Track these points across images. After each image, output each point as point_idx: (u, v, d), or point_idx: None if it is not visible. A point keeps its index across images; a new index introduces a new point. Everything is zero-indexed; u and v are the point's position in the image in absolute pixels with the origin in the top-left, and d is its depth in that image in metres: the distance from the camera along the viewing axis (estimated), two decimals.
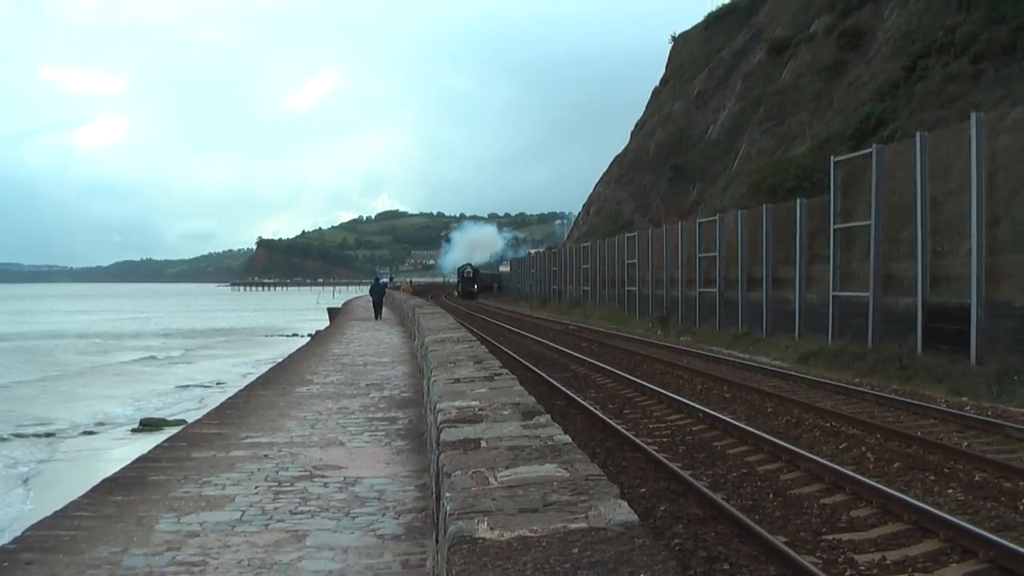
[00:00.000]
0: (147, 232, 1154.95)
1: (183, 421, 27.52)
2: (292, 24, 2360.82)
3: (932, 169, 29.31)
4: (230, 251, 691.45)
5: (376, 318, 54.73)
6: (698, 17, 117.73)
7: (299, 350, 37.22)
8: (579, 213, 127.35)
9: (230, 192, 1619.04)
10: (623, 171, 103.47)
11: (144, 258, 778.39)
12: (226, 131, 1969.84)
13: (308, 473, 12.26)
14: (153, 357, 64.58)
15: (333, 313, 77.71)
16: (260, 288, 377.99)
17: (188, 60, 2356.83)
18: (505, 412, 8.94)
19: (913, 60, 51.26)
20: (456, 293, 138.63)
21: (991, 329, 25.67)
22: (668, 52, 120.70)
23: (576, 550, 4.35)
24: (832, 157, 36.32)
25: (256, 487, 11.47)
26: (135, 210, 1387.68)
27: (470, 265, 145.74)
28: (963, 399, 22.91)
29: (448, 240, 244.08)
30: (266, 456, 13.36)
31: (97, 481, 12.09)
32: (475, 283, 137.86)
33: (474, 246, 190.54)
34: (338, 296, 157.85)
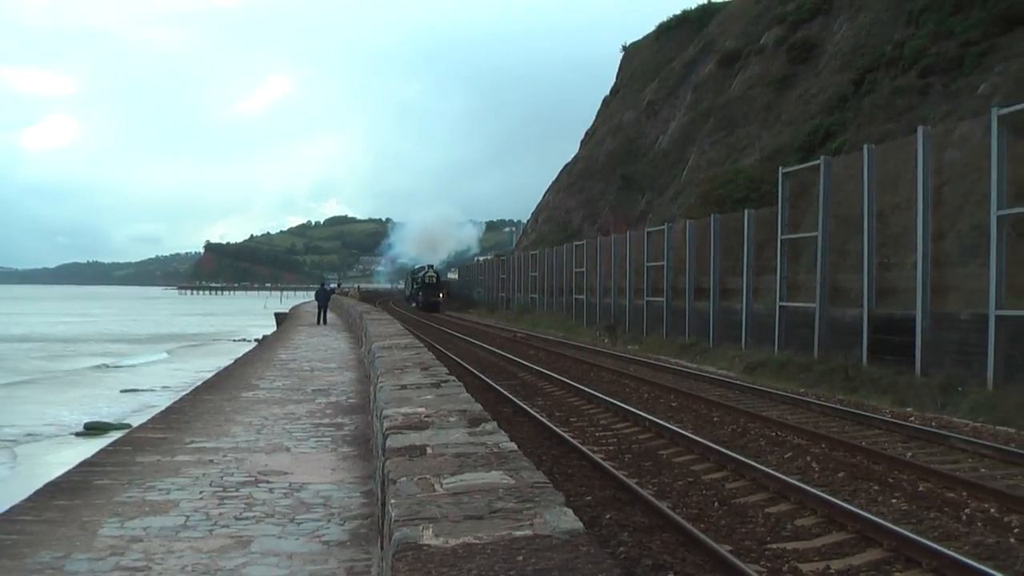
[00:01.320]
0: (94, 234, 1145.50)
1: (128, 425, 27.30)
2: (243, 29, 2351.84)
3: (879, 182, 29.51)
4: (178, 255, 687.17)
5: (319, 323, 54.44)
6: (649, 27, 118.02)
7: (246, 355, 36.96)
8: (528, 221, 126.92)
9: (178, 196, 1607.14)
10: (572, 180, 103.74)
11: (91, 260, 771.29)
12: (175, 134, 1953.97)
13: (253, 479, 12.16)
14: (103, 364, 63.84)
15: (280, 318, 77.23)
16: (207, 292, 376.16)
17: (138, 63, 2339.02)
18: (451, 419, 8.93)
19: (862, 73, 51.76)
20: (414, 304, 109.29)
21: (936, 341, 25.87)
22: (619, 62, 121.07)
23: (521, 557, 4.34)
24: (780, 169, 36.50)
25: (201, 492, 11.37)
26: (82, 212, 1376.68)
27: (431, 267, 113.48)
28: (908, 410, 23.08)
29: (389, 244, 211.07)
30: (211, 461, 13.25)
31: (40, 485, 11.96)
32: (439, 291, 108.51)
33: (434, 241, 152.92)
34: (286, 301, 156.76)
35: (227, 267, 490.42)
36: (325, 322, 54.76)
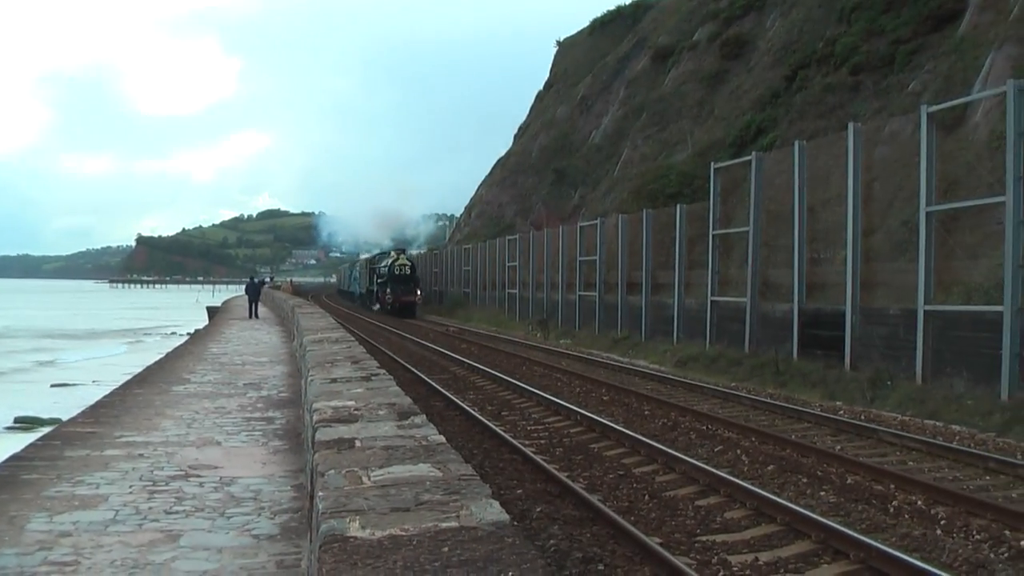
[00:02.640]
0: (22, 227, 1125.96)
1: (58, 420, 26.97)
2: (175, 22, 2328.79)
3: (810, 178, 29.74)
4: (109, 247, 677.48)
5: (250, 317, 53.99)
6: (583, 22, 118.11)
7: (177, 349, 36.67)
8: (461, 215, 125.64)
9: (109, 188, 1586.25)
10: (506, 174, 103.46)
11: (20, 254, 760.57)
12: (105, 127, 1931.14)
13: (184, 473, 12.09)
14: (32, 358, 63.12)
15: (212, 312, 76.79)
16: (139, 286, 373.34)
17: (65, 53, 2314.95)
18: (381, 412, 8.94)
19: (794, 70, 51.99)
20: (377, 306, 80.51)
21: (865, 336, 26.10)
22: (553, 57, 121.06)
23: (446, 549, 4.35)
24: (712, 164, 36.70)
25: (130, 486, 11.29)
26: (10, 205, 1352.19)
27: (404, 252, 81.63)
28: (837, 404, 23.29)
29: (320, 234, 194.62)
30: (141, 455, 13.15)
31: None
32: (416, 286, 77.10)
33: (396, 220, 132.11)
34: (218, 295, 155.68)
35: (159, 260, 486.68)
36: (256, 316, 54.33)
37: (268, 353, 30.80)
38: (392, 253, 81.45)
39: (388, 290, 75.69)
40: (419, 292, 77.19)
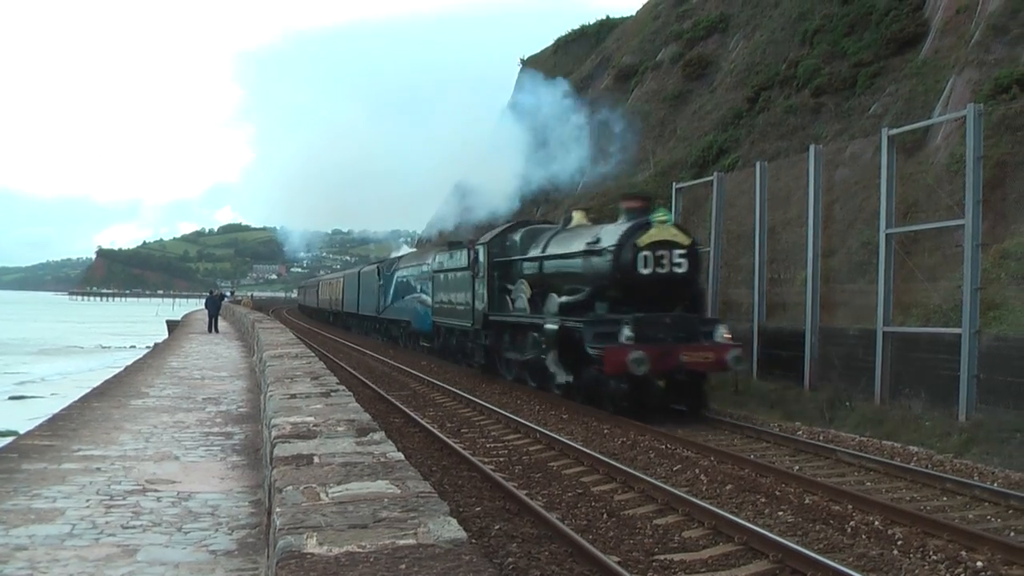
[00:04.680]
0: None
1: (14, 432, 26.81)
2: (133, 29, 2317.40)
3: (771, 199, 29.88)
4: (68, 260, 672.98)
5: (210, 331, 53.61)
6: (547, 41, 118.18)
7: (136, 362, 36.29)
8: (422, 232, 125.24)
9: (68, 200, 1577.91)
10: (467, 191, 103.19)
11: None
12: (64, 137, 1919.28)
13: (141, 487, 11.99)
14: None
15: (172, 326, 76.24)
16: (99, 298, 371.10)
17: (20, 61, 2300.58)
18: (339, 428, 8.91)
19: (756, 91, 52.18)
20: (562, 374, 26.18)
21: (824, 356, 26.22)
22: (517, 75, 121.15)
23: (404, 566, 4.34)
24: (674, 184, 36.82)
25: (87, 500, 11.18)
26: None
27: (657, 212, 25.32)
28: (796, 424, 23.27)
29: (279, 246, 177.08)
30: (98, 469, 13.04)
31: None
32: (703, 313, 27.29)
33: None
34: (178, 308, 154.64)
35: (119, 273, 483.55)
36: (216, 330, 53.84)
37: (227, 367, 30.62)
38: (585, 221, 32.10)
39: (628, 328, 23.92)
40: (728, 335, 25.68)
